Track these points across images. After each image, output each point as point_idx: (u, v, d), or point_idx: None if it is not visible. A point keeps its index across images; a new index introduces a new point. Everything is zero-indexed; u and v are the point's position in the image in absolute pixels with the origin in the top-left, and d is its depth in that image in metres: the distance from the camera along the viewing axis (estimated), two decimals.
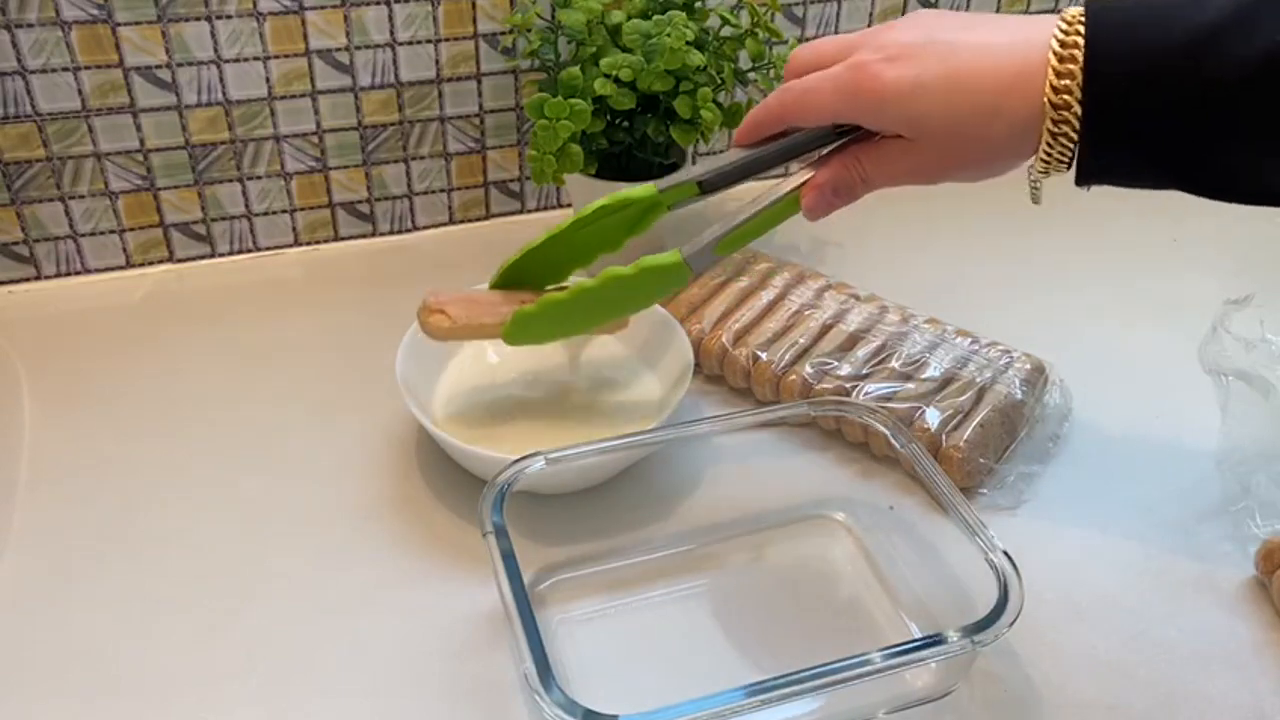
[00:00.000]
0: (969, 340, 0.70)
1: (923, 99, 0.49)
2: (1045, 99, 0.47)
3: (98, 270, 0.81)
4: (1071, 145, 0.48)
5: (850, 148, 0.54)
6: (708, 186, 0.58)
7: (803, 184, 0.56)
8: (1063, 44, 0.46)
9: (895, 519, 0.62)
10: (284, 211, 0.83)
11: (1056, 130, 0.47)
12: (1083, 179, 0.50)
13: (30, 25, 0.70)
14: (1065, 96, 0.46)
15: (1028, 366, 0.68)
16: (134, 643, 0.54)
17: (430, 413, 0.64)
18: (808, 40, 0.89)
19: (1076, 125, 0.47)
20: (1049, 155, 0.49)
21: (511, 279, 0.62)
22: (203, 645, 0.54)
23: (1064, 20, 0.47)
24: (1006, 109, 0.48)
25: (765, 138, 0.58)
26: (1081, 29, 0.46)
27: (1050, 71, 0.46)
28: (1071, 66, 0.46)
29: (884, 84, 0.50)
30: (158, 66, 0.74)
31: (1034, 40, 0.47)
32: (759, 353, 0.69)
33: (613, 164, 0.77)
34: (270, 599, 0.56)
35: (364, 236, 0.86)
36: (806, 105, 0.54)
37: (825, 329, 0.71)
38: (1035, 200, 0.55)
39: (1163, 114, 0.46)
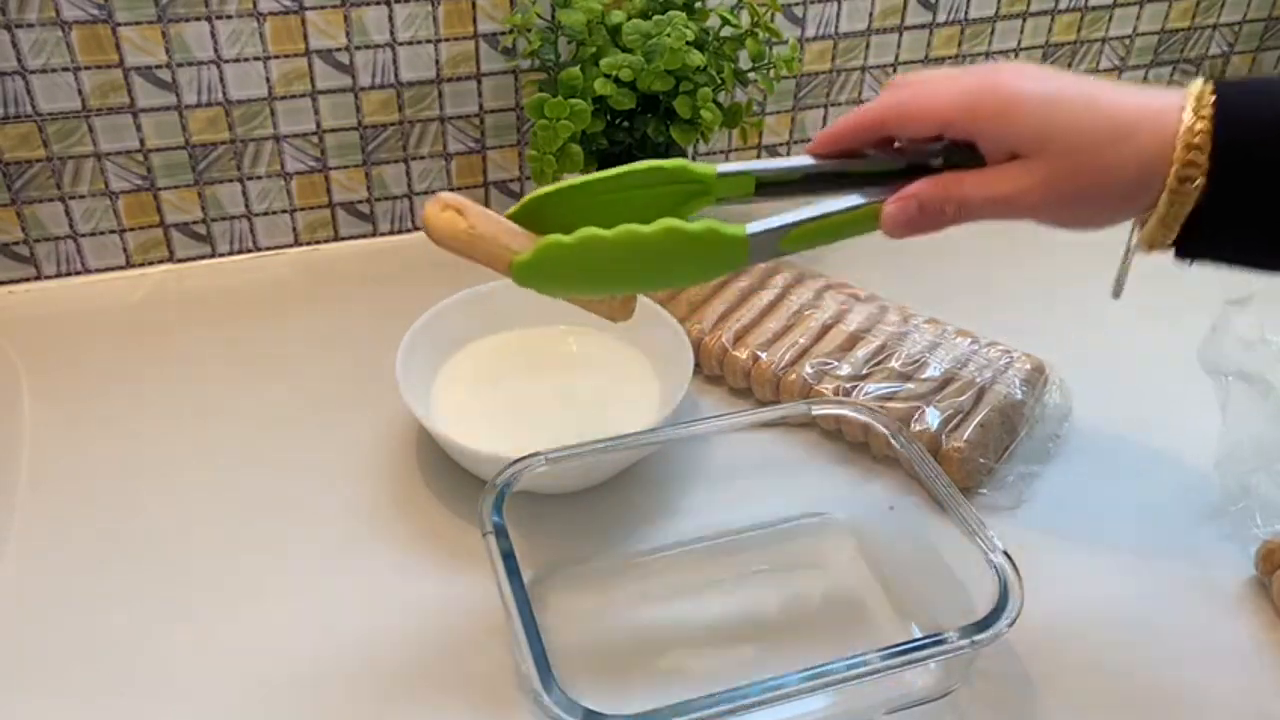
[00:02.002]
0: (969, 340, 0.70)
1: (1057, 110, 0.46)
2: (1179, 134, 0.44)
3: (98, 270, 0.81)
4: (1191, 201, 0.45)
5: (948, 171, 0.49)
6: (765, 188, 0.52)
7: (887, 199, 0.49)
8: (1199, 98, 0.45)
9: (895, 519, 0.62)
10: (284, 211, 0.83)
11: (1184, 174, 0.45)
12: (1194, 238, 0.46)
13: (30, 25, 0.70)
14: (1199, 136, 0.44)
15: (1028, 366, 0.68)
16: (134, 643, 0.54)
17: (430, 412, 0.64)
18: (807, 40, 0.89)
19: (1205, 169, 0.44)
20: (1172, 202, 0.45)
21: (532, 215, 0.53)
22: (202, 645, 0.54)
23: (1196, 91, 0.46)
24: (1138, 137, 0.45)
25: (843, 151, 0.51)
26: (1212, 94, 0.45)
27: (1189, 110, 0.44)
28: (1206, 113, 0.44)
29: (1017, 88, 0.46)
30: (158, 66, 0.74)
31: (1171, 98, 0.46)
32: (759, 353, 0.69)
33: (613, 164, 0.76)
34: (270, 598, 0.57)
35: (364, 236, 0.86)
36: (919, 104, 0.48)
37: (825, 329, 0.71)
38: (1116, 294, 0.53)
39: None
